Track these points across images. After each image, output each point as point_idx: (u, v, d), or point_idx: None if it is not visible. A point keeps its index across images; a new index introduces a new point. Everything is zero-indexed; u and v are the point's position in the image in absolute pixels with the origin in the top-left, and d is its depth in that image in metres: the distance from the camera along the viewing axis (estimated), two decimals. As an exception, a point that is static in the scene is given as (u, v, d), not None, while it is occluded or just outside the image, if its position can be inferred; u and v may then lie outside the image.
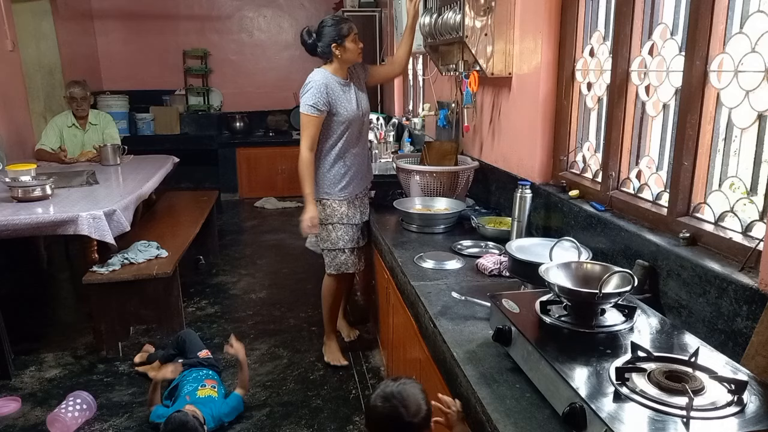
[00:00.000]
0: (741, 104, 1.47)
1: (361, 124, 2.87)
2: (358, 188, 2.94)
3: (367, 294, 3.44)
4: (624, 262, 1.75)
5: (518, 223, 2.22)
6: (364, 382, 2.95)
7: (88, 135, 4.61)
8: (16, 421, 2.65)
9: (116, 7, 6.79)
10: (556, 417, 1.15)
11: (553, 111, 2.39)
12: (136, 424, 2.62)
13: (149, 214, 4.26)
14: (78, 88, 4.49)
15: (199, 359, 2.80)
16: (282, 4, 7.29)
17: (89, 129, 4.62)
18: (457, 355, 1.47)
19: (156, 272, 3.12)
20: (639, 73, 1.90)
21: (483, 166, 3.00)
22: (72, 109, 4.53)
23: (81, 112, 4.55)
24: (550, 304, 1.41)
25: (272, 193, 6.81)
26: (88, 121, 4.60)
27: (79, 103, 4.49)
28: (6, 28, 4.61)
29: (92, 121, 4.63)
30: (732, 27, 1.52)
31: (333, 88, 2.73)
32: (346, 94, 2.79)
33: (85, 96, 4.52)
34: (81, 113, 4.55)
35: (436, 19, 2.94)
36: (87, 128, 4.61)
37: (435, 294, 1.89)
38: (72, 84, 4.55)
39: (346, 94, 2.79)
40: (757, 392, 1.05)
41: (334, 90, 2.73)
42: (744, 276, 1.35)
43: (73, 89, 4.48)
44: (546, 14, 2.31)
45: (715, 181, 1.62)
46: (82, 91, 4.50)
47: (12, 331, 3.08)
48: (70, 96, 4.47)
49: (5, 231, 2.89)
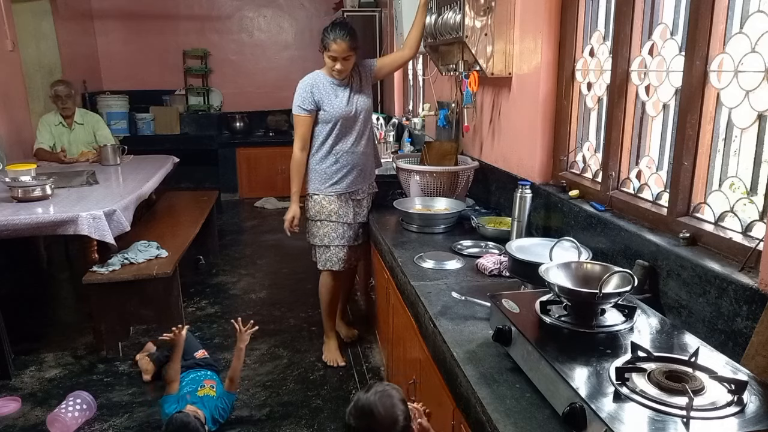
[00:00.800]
0: (741, 104, 1.47)
1: (353, 122, 2.87)
2: (352, 186, 2.93)
3: (367, 294, 3.44)
4: (624, 262, 1.75)
5: (518, 223, 2.22)
6: (364, 382, 2.95)
7: (75, 134, 4.61)
8: (16, 421, 2.65)
9: (116, 7, 6.80)
10: (556, 417, 1.15)
11: (553, 111, 2.39)
12: (136, 424, 2.62)
13: (149, 214, 4.26)
14: (62, 86, 4.49)
15: (196, 360, 2.79)
16: (282, 4, 7.29)
17: (75, 128, 4.61)
18: (457, 355, 1.47)
19: (156, 272, 3.12)
20: (639, 73, 1.90)
21: (483, 166, 3.00)
22: (57, 107, 4.52)
23: (66, 111, 4.54)
24: (550, 304, 1.41)
25: (272, 193, 6.80)
26: (74, 120, 4.60)
27: (63, 101, 4.47)
28: (6, 28, 4.61)
29: (78, 120, 4.62)
30: (732, 27, 1.52)
31: (321, 88, 2.81)
32: (337, 92, 2.83)
33: (70, 94, 4.51)
34: (66, 112, 4.54)
35: (436, 19, 2.95)
36: (73, 127, 4.61)
37: (435, 294, 1.89)
38: (57, 83, 4.55)
39: (337, 93, 2.83)
40: (757, 392, 1.05)
41: (321, 89, 2.81)
42: (744, 276, 1.35)
43: (57, 87, 4.48)
44: (546, 14, 2.31)
45: (715, 181, 1.62)
46: (67, 89, 4.49)
47: (12, 331, 3.08)
48: (55, 94, 4.46)
49: (5, 231, 2.89)
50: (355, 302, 3.90)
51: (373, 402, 1.39)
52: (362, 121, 2.91)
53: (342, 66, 2.73)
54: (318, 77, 2.84)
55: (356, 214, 3.00)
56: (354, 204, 2.99)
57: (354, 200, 2.98)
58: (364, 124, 2.93)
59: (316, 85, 2.81)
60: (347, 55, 2.70)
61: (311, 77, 2.84)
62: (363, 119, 2.91)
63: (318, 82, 2.82)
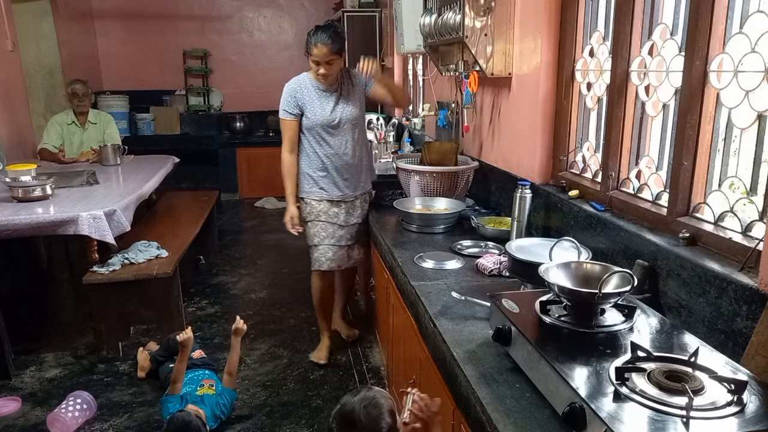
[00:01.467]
0: (741, 104, 1.47)
1: (336, 130, 2.84)
2: (340, 192, 2.92)
3: (367, 294, 3.44)
4: (624, 262, 1.75)
5: (518, 223, 2.22)
6: (364, 381, 2.95)
7: (88, 133, 4.62)
8: (16, 421, 2.65)
9: (116, 7, 6.79)
10: (556, 417, 1.15)
11: (553, 111, 2.39)
12: (136, 424, 2.62)
13: (149, 214, 4.26)
14: (79, 84, 4.52)
15: (193, 360, 2.79)
16: (282, 4, 7.29)
17: (89, 128, 4.63)
18: (457, 355, 1.47)
19: (156, 272, 3.12)
20: (639, 73, 1.90)
21: (483, 166, 3.00)
22: (73, 105, 4.54)
23: (82, 109, 4.56)
24: (550, 304, 1.41)
25: (272, 193, 6.80)
26: (87, 119, 4.61)
27: (80, 99, 4.50)
28: (6, 28, 4.61)
29: (92, 120, 4.64)
30: (732, 27, 1.52)
31: (305, 92, 2.80)
32: (321, 99, 2.81)
33: (87, 93, 4.55)
34: (82, 109, 4.57)
35: (436, 19, 2.95)
36: (86, 127, 4.62)
37: (435, 294, 1.89)
38: (74, 81, 4.57)
39: (321, 99, 2.81)
40: (756, 392, 1.06)
41: (305, 94, 2.80)
42: (744, 276, 1.35)
43: (75, 86, 4.51)
44: (546, 14, 2.31)
45: (715, 181, 1.62)
46: (84, 87, 4.52)
47: (12, 331, 3.08)
48: (72, 92, 4.49)
49: (5, 231, 2.89)
50: (355, 302, 3.90)
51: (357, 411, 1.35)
52: (348, 130, 2.88)
53: (325, 70, 2.69)
54: (303, 81, 2.83)
55: (349, 215, 2.99)
56: (347, 206, 2.98)
57: (346, 202, 2.97)
58: (351, 133, 2.90)
59: (299, 90, 2.81)
60: (330, 59, 2.67)
61: (296, 81, 2.84)
62: (349, 128, 2.88)
63: (302, 86, 2.82)
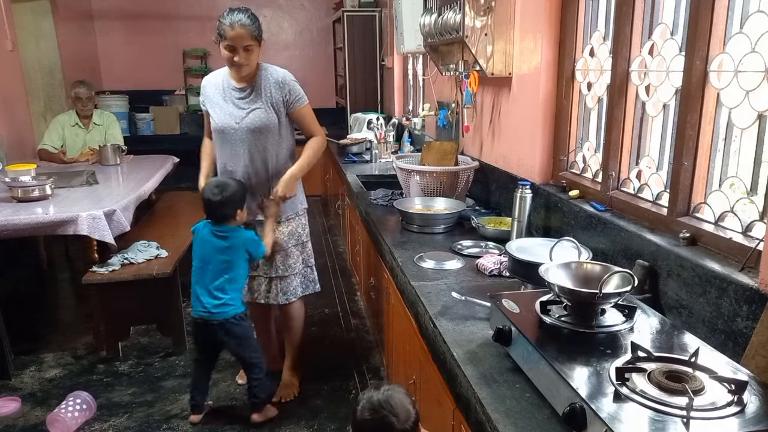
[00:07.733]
0: (741, 104, 1.47)
1: (232, 135, 2.50)
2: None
3: (367, 294, 3.44)
4: (624, 262, 1.75)
5: (518, 223, 2.22)
6: (364, 382, 2.95)
7: (91, 135, 4.62)
8: (16, 421, 2.65)
9: (116, 7, 6.79)
10: (556, 417, 1.15)
11: (553, 111, 2.39)
12: (136, 424, 2.62)
13: (149, 214, 4.26)
14: (83, 88, 4.52)
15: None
16: (282, 4, 7.28)
17: (93, 129, 4.62)
18: (457, 355, 1.47)
19: (156, 272, 3.12)
20: (639, 73, 1.90)
21: (483, 166, 3.00)
22: (77, 109, 4.55)
23: (86, 112, 4.57)
24: (550, 304, 1.41)
25: (272, 193, 6.80)
26: (92, 120, 4.62)
27: (84, 102, 4.51)
28: (6, 28, 4.61)
29: (96, 121, 4.64)
30: (732, 27, 1.52)
31: (213, 89, 2.53)
32: (226, 97, 2.49)
33: (90, 96, 4.56)
34: (86, 112, 4.57)
35: (436, 18, 2.95)
36: (90, 128, 4.62)
37: (435, 294, 1.88)
38: (77, 84, 4.57)
39: (225, 98, 2.49)
40: (757, 392, 1.05)
41: (213, 91, 2.53)
42: (744, 276, 1.35)
43: (78, 89, 4.50)
44: (546, 14, 2.31)
45: (715, 181, 1.62)
46: (88, 91, 4.52)
47: (12, 331, 3.08)
48: (75, 96, 4.50)
49: (5, 231, 2.89)
50: (355, 302, 3.90)
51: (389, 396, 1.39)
52: (249, 140, 2.49)
53: (241, 59, 2.32)
54: (217, 77, 2.54)
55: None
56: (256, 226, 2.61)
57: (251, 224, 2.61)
58: (254, 143, 2.49)
59: (209, 85, 2.54)
60: (247, 44, 2.32)
61: (212, 75, 2.58)
62: (250, 138, 2.49)
63: (213, 82, 2.53)
